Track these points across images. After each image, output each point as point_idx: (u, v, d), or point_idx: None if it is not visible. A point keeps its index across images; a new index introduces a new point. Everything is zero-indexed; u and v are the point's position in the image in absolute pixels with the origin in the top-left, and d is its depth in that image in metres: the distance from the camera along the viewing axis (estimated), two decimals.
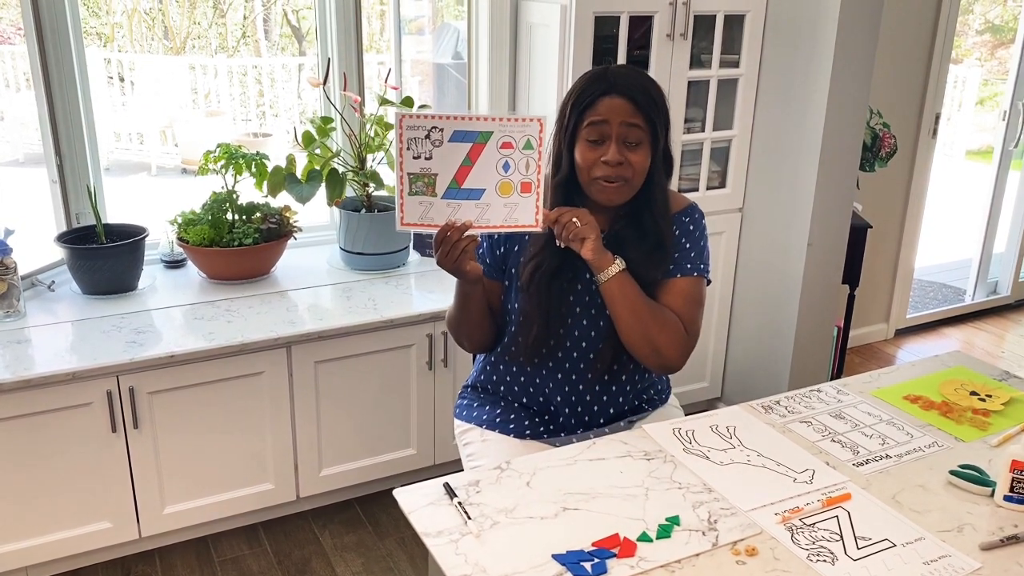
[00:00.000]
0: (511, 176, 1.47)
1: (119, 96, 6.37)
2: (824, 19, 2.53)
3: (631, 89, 1.54)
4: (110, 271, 2.39)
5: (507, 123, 1.44)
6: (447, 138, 1.44)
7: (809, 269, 2.74)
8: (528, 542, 1.26)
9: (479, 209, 1.48)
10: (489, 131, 1.44)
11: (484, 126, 1.44)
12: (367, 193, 2.63)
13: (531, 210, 1.49)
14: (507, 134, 1.45)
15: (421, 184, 1.46)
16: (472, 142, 1.44)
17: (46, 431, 2.07)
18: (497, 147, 1.45)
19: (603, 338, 1.65)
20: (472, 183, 1.47)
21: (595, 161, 1.55)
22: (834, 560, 1.24)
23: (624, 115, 1.53)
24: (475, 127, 1.44)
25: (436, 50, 5.20)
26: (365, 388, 2.44)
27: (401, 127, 1.43)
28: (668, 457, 1.50)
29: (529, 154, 1.46)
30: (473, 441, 1.76)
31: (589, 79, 1.58)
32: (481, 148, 1.45)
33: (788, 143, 2.72)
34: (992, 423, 1.64)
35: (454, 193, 1.47)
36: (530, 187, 1.47)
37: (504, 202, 1.48)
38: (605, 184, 1.56)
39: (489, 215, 1.49)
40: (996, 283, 4.36)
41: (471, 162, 1.46)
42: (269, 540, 2.43)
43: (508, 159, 1.46)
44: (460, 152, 1.45)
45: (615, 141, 1.54)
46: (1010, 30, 7.20)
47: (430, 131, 1.43)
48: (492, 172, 1.47)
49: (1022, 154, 4.21)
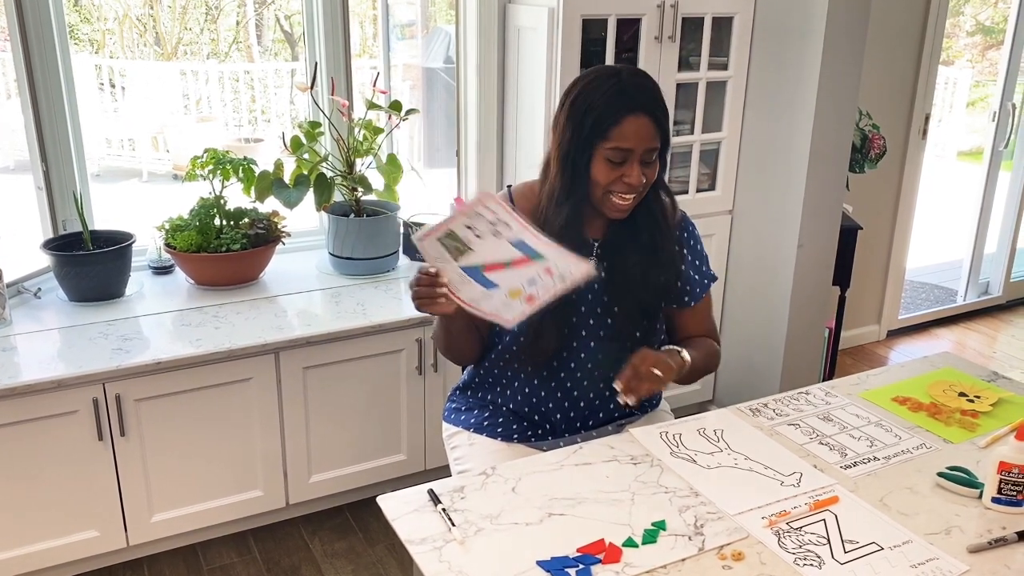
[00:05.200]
0: (529, 289, 1.44)
1: (110, 102, 6.35)
2: (812, 20, 2.53)
3: (651, 105, 1.51)
4: (97, 278, 2.38)
5: (563, 256, 1.40)
6: (506, 238, 1.40)
7: (799, 271, 2.74)
8: (512, 548, 1.25)
9: (481, 295, 1.45)
10: (544, 255, 1.41)
11: (543, 249, 1.40)
12: (356, 198, 2.63)
13: (518, 314, 1.46)
14: (555, 263, 1.41)
15: (453, 244, 1.42)
16: (523, 254, 1.41)
17: (32, 440, 2.06)
18: (540, 269, 1.42)
19: (606, 345, 1.65)
20: (495, 277, 1.44)
21: (615, 180, 1.52)
22: (821, 564, 1.23)
23: (648, 140, 1.50)
24: (536, 246, 1.40)
25: (427, 54, 5.20)
26: (354, 394, 2.43)
27: (479, 202, 1.39)
28: (655, 461, 1.49)
29: (557, 283, 1.42)
30: (461, 445, 1.75)
31: (609, 94, 1.50)
32: (526, 262, 1.42)
33: (777, 145, 2.72)
34: (980, 424, 1.63)
35: (474, 272, 1.44)
36: (533, 301, 1.44)
37: (504, 300, 1.45)
38: (619, 200, 1.54)
39: (484, 303, 1.45)
40: (987, 283, 4.36)
41: (508, 265, 1.43)
42: (258, 547, 2.42)
43: (538, 278, 1.42)
44: (507, 254, 1.42)
45: (638, 163, 1.51)
46: (1000, 31, 7.22)
47: (497, 223, 1.39)
48: (517, 280, 1.43)
49: (1012, 155, 4.22)
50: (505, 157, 2.85)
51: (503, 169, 2.87)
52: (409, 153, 5.25)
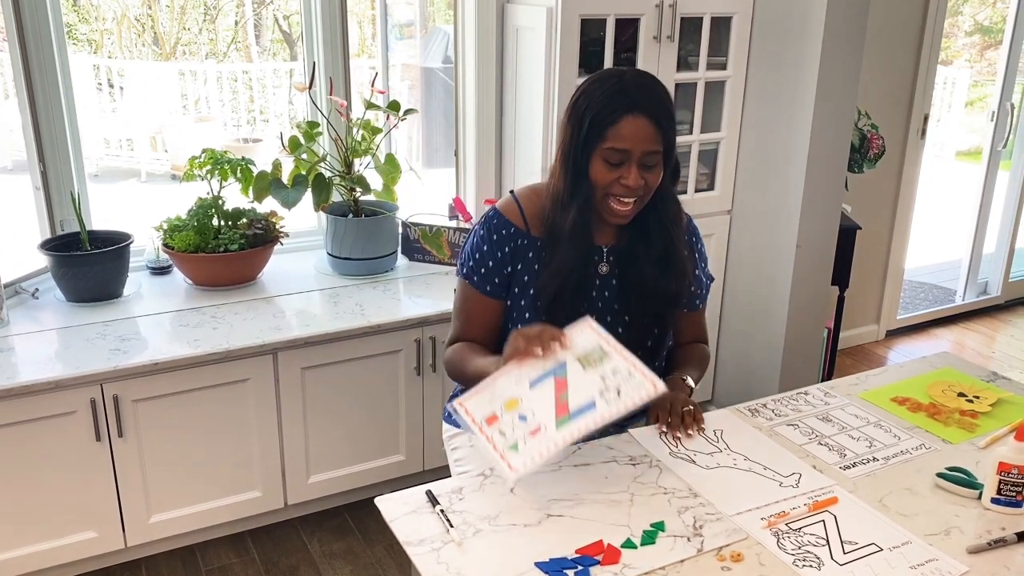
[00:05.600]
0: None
1: (109, 102, 6.34)
2: (811, 20, 2.53)
3: (652, 107, 1.47)
4: (94, 278, 2.37)
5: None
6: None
7: (798, 271, 2.74)
8: (511, 550, 1.24)
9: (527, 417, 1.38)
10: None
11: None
12: (354, 198, 2.62)
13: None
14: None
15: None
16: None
17: (29, 441, 2.05)
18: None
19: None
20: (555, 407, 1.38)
21: (613, 182, 1.50)
22: (820, 565, 1.22)
23: (647, 142, 1.47)
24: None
25: (425, 54, 5.19)
26: (353, 394, 2.43)
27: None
28: (654, 462, 1.49)
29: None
30: (461, 446, 1.75)
31: (608, 93, 1.48)
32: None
33: (776, 145, 2.72)
34: (980, 425, 1.63)
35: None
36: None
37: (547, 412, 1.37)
38: (619, 204, 1.52)
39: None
40: (986, 283, 4.36)
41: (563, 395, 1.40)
42: (257, 548, 2.41)
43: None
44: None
45: (636, 165, 1.49)
46: (998, 31, 7.22)
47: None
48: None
49: (1010, 154, 4.22)
50: (504, 157, 2.85)
51: (501, 169, 2.87)
52: (407, 153, 5.25)
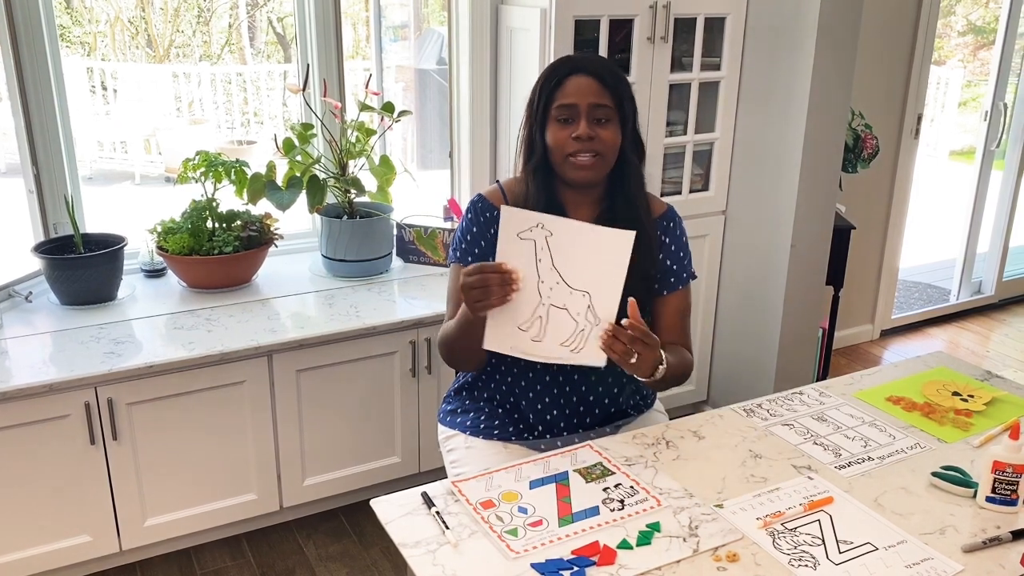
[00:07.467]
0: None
1: (102, 105, 6.33)
2: (805, 21, 2.54)
3: (595, 66, 1.59)
4: (88, 281, 2.36)
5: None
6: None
7: (793, 271, 2.74)
8: (507, 551, 1.24)
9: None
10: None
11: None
12: (348, 199, 2.62)
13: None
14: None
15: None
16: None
17: (23, 444, 2.04)
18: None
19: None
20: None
21: (566, 139, 1.57)
22: (816, 565, 1.23)
23: (592, 95, 1.56)
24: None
25: (419, 56, 5.19)
26: (348, 396, 2.42)
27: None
28: (649, 462, 1.48)
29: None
30: (457, 448, 1.75)
31: (555, 63, 1.64)
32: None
33: (770, 145, 2.72)
34: (974, 423, 1.63)
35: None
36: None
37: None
38: (578, 161, 1.57)
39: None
40: (980, 283, 4.37)
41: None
42: (252, 551, 2.41)
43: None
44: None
45: (584, 118, 1.56)
46: (991, 31, 7.26)
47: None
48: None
49: (1004, 154, 4.23)
50: (498, 158, 2.85)
51: (496, 170, 2.87)
52: (402, 155, 5.25)
